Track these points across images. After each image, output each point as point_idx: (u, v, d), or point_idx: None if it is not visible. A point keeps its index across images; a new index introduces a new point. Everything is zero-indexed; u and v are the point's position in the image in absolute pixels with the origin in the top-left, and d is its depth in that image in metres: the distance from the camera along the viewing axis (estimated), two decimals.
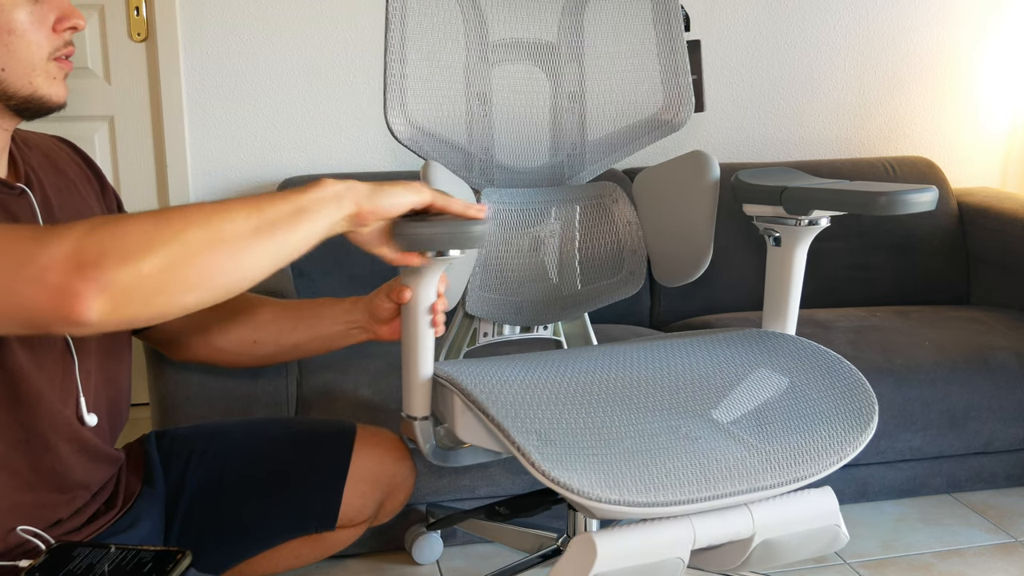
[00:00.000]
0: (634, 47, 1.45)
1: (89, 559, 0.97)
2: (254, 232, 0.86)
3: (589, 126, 1.47)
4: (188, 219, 0.84)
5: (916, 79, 2.66)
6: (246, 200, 0.88)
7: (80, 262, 0.79)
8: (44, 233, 0.81)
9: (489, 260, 1.43)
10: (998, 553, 1.83)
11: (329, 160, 2.36)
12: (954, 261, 2.45)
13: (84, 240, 0.80)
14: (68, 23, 1.01)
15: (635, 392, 1.16)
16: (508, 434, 1.03)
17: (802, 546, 1.10)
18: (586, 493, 0.97)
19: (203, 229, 0.84)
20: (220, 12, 2.24)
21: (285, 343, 1.29)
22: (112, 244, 0.80)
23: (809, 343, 1.27)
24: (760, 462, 1.04)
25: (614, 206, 1.48)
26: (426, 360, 1.17)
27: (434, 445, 1.24)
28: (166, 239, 0.82)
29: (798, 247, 1.28)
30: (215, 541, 1.26)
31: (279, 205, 0.88)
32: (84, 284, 0.78)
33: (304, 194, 0.91)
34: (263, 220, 0.87)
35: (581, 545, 1.01)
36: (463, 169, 1.41)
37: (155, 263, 0.81)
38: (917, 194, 1.16)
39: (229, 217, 0.85)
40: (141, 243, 0.81)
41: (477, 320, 1.46)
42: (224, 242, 0.85)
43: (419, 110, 1.34)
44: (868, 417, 1.13)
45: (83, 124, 2.30)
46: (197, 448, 1.30)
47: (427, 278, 1.12)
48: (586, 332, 1.55)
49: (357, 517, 1.35)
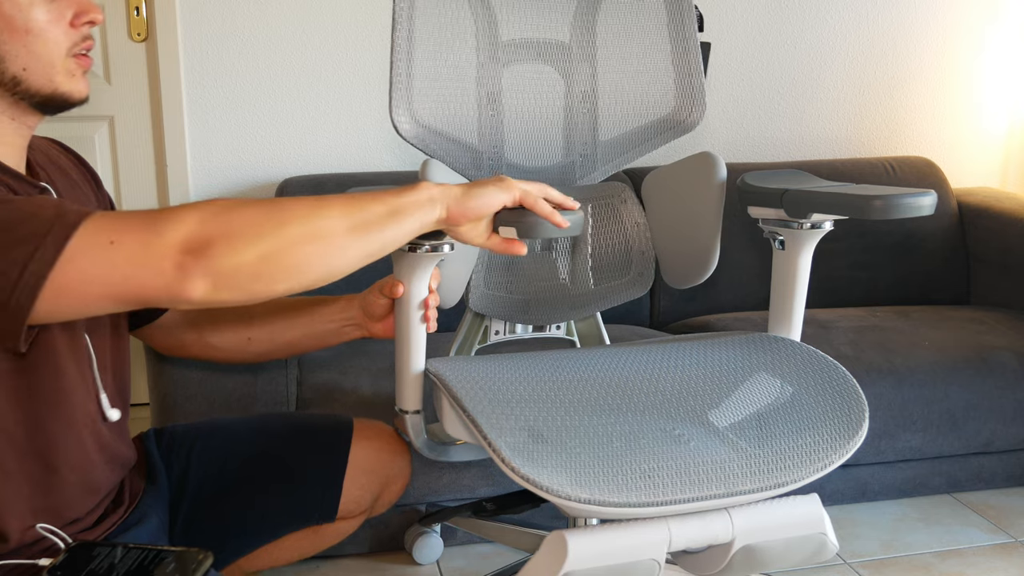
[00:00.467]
0: (647, 47, 1.44)
1: (109, 558, 0.97)
2: (349, 231, 0.92)
3: (601, 126, 1.47)
4: (290, 212, 0.91)
5: (916, 79, 2.66)
6: (344, 199, 0.94)
7: (192, 248, 0.87)
8: (157, 220, 0.88)
9: (494, 258, 1.43)
10: (998, 553, 1.83)
11: (329, 160, 2.36)
12: (954, 261, 2.45)
13: (199, 230, 0.88)
14: (86, 17, 1.02)
15: (628, 393, 1.15)
16: (481, 429, 1.03)
17: (786, 553, 1.08)
18: (556, 491, 0.96)
19: (302, 225, 0.90)
20: (220, 12, 2.24)
21: (279, 340, 1.31)
22: (220, 234, 0.88)
23: (807, 348, 1.26)
24: (742, 466, 1.02)
25: (623, 207, 1.48)
26: (417, 355, 1.19)
27: (426, 439, 1.25)
28: (267, 232, 0.89)
29: (802, 251, 1.27)
30: (218, 536, 1.26)
31: (374, 206, 0.94)
32: (194, 268, 0.87)
33: (399, 197, 0.96)
34: (358, 220, 0.93)
35: (553, 543, 1.00)
36: (472, 167, 1.41)
37: (256, 252, 0.88)
38: (914, 198, 1.14)
39: (327, 214, 0.92)
40: (247, 235, 0.88)
41: (488, 318, 1.46)
42: (320, 238, 0.91)
43: (426, 108, 1.34)
44: (857, 425, 1.10)
45: (83, 124, 2.30)
46: (198, 445, 1.31)
47: (419, 274, 1.14)
48: (599, 332, 1.54)
49: (356, 508, 1.36)
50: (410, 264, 1.14)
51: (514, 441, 1.02)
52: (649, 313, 2.31)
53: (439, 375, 1.15)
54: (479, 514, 1.55)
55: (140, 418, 2.08)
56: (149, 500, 1.22)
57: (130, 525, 1.15)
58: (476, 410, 1.06)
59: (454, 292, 1.34)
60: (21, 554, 1.00)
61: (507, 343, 1.49)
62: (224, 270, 0.87)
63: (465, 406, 1.07)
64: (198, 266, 0.86)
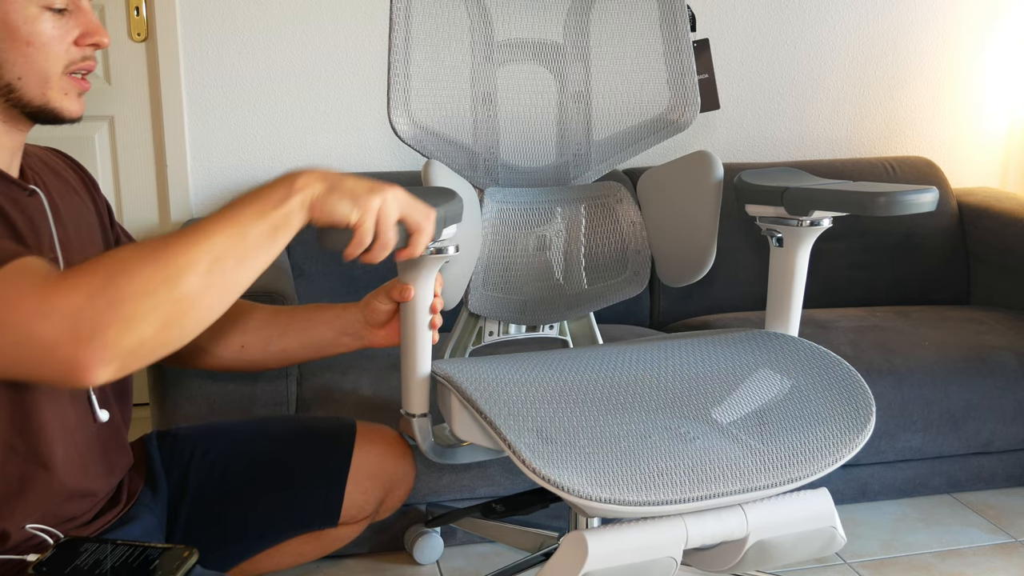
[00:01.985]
0: (640, 47, 1.45)
1: (96, 555, 0.97)
2: (238, 264, 0.88)
3: (595, 126, 1.47)
4: (177, 264, 0.85)
5: (916, 79, 2.66)
6: (227, 225, 0.88)
7: (84, 336, 0.81)
8: (41, 300, 0.82)
9: (493, 259, 1.43)
10: (998, 553, 1.83)
11: (329, 160, 2.36)
12: (954, 261, 2.45)
13: (84, 312, 0.82)
14: (91, 39, 1.01)
15: (634, 392, 1.16)
16: (500, 432, 1.03)
17: (797, 547, 1.10)
18: (577, 491, 0.97)
19: (195, 276, 0.85)
20: (220, 12, 2.24)
21: (273, 348, 1.29)
22: (112, 315, 0.82)
23: (809, 344, 1.27)
24: (755, 462, 1.04)
25: (618, 206, 1.48)
26: (424, 358, 1.18)
27: (432, 442, 1.25)
28: (162, 297, 0.84)
29: (800, 248, 1.28)
30: (219, 540, 1.26)
31: (258, 226, 0.89)
32: (92, 356, 0.82)
33: (277, 209, 0.91)
34: (246, 247, 0.88)
35: (572, 543, 1.01)
36: (467, 168, 1.41)
37: (155, 323, 0.84)
38: (916, 195, 1.16)
39: (216, 254, 0.87)
40: (141, 307, 0.83)
41: (482, 319, 1.47)
42: (215, 285, 0.87)
43: (423, 109, 1.35)
44: (865, 419, 1.12)
45: (83, 124, 2.28)
46: (199, 448, 1.30)
47: (424, 276, 1.13)
48: (592, 332, 1.55)
49: (359, 514, 1.35)
50: (416, 267, 1.13)
51: (533, 442, 1.02)
52: (649, 313, 2.31)
53: (449, 377, 1.15)
54: (488, 516, 1.54)
55: (140, 418, 2.08)
56: (146, 500, 1.22)
57: (124, 522, 1.15)
58: (493, 412, 1.06)
59: (455, 294, 1.34)
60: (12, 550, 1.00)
61: (501, 344, 1.49)
62: (128, 349, 0.83)
63: (481, 408, 1.07)
64: (97, 354, 0.82)
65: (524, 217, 1.45)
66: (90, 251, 1.12)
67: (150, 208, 2.38)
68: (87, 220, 1.15)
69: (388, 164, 2.39)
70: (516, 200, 1.45)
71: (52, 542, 1.01)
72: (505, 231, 1.44)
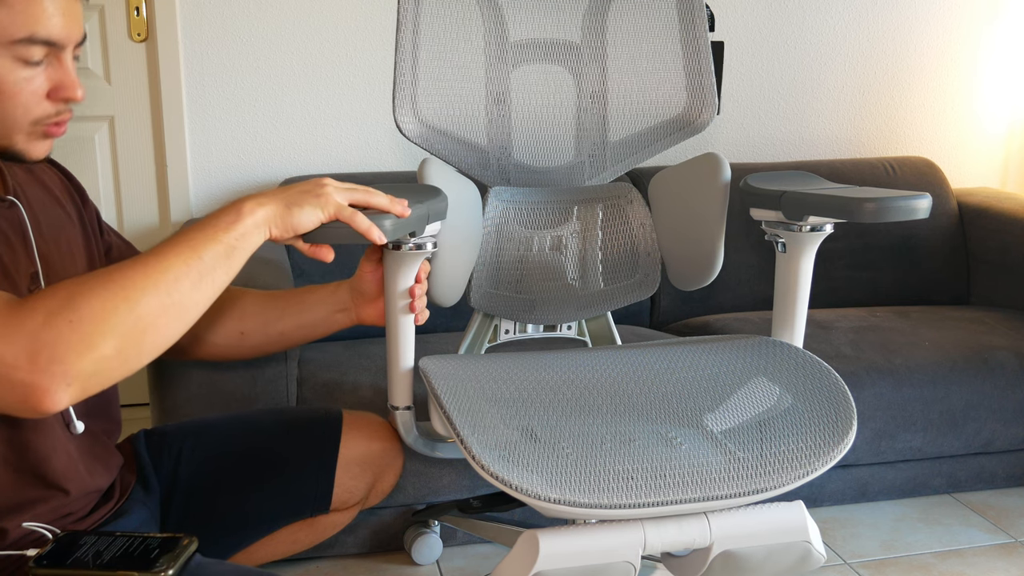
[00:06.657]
0: (658, 48, 1.44)
1: (96, 546, 0.98)
2: (194, 287, 0.91)
3: (611, 127, 1.46)
4: (135, 286, 0.87)
5: (916, 79, 2.66)
6: (181, 249, 0.92)
7: (42, 360, 0.82)
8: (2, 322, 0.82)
9: (502, 257, 1.42)
10: (998, 553, 1.83)
11: (330, 160, 2.36)
12: (954, 261, 2.45)
13: (41, 335, 0.82)
14: (64, 93, 1.00)
15: (625, 396, 1.15)
16: (455, 427, 1.03)
17: (768, 561, 1.05)
18: (527, 491, 0.95)
19: (152, 296, 0.88)
20: (220, 12, 2.24)
21: (272, 332, 1.31)
22: (70, 336, 0.83)
23: (803, 353, 1.24)
24: (723, 470, 1.00)
25: (629, 207, 1.47)
26: (406, 350, 1.20)
27: (416, 435, 1.25)
28: (119, 318, 0.85)
29: (803, 254, 1.26)
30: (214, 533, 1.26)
31: (212, 247, 0.93)
32: (51, 380, 0.82)
33: (231, 230, 0.94)
34: (203, 269, 0.92)
35: (526, 542, 0.99)
36: (478, 167, 1.41)
37: (114, 344, 0.85)
38: (907, 201, 1.13)
39: (173, 275, 0.90)
40: (99, 328, 0.84)
41: (498, 317, 1.46)
42: (170, 306, 0.89)
43: (431, 109, 1.35)
44: (844, 432, 1.06)
45: (83, 124, 2.30)
46: (188, 443, 1.31)
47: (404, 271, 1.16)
48: (610, 332, 1.53)
49: (350, 499, 1.36)
50: (396, 261, 1.15)
51: (491, 440, 1.01)
52: (650, 313, 2.31)
53: (426, 372, 1.16)
54: (466, 511, 1.55)
55: (141, 418, 2.08)
56: (138, 495, 1.22)
57: (118, 516, 1.16)
58: (453, 408, 1.06)
59: (454, 291, 1.34)
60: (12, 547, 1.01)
61: (517, 342, 1.49)
62: (87, 371, 0.84)
63: (443, 403, 1.08)
64: (56, 378, 0.82)
65: (537, 217, 1.45)
66: (71, 263, 1.12)
67: (150, 208, 2.38)
68: (68, 233, 1.14)
69: (389, 164, 2.40)
70: (525, 199, 1.45)
71: (51, 537, 1.01)
72: (512, 230, 1.44)
